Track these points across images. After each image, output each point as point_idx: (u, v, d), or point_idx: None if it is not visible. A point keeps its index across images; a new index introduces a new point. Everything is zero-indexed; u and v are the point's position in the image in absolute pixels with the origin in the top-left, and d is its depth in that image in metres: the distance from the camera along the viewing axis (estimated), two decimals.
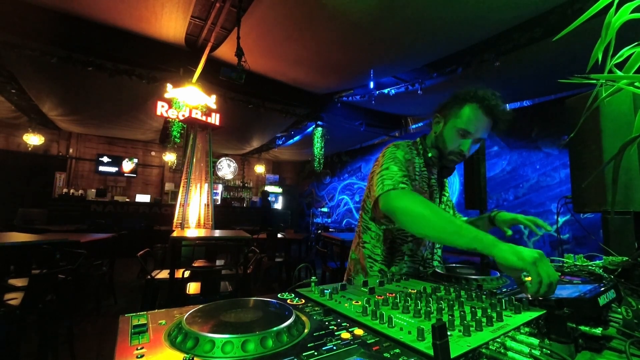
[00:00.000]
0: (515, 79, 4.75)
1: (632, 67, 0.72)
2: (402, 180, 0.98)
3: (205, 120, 5.25)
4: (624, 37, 0.79)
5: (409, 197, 0.92)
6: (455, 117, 1.09)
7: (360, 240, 1.24)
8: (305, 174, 12.62)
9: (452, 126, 1.10)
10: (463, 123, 1.07)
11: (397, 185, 0.96)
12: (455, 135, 1.09)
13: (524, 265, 0.65)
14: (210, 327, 0.44)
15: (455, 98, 1.12)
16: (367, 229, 1.22)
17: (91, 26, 4.32)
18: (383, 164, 1.06)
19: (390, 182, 0.97)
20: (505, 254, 0.68)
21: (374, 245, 1.19)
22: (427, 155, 1.18)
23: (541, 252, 0.66)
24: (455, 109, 1.10)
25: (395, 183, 0.97)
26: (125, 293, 4.16)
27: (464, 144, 1.09)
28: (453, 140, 1.10)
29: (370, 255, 1.19)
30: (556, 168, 5.00)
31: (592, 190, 1.29)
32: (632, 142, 0.65)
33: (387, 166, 1.04)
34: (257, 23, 3.98)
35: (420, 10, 3.41)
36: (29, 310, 1.96)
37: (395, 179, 0.98)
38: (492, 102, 1.04)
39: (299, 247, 5.68)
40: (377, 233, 1.19)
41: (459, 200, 6.47)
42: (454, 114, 1.10)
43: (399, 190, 0.95)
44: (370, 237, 1.20)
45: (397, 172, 1.01)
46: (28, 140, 7.56)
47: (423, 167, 1.19)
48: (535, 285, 0.63)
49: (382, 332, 0.48)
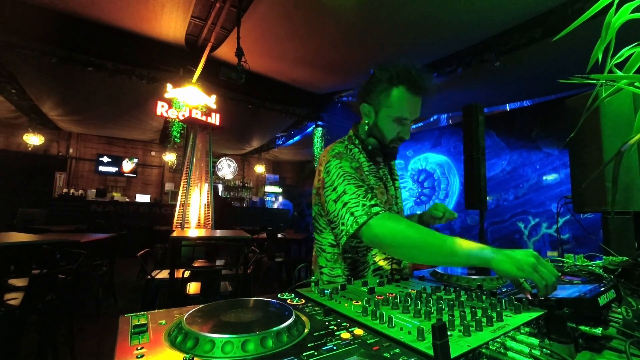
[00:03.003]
0: (515, 79, 4.75)
1: (632, 67, 0.72)
2: (370, 202, 0.87)
3: (205, 120, 5.25)
4: (624, 37, 0.79)
5: (391, 224, 0.82)
6: (385, 105, 1.02)
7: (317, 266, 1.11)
8: (305, 174, 12.62)
9: (386, 115, 1.03)
10: (396, 111, 1.01)
11: (370, 211, 0.85)
12: (392, 124, 1.04)
13: (525, 275, 0.64)
14: (210, 327, 0.44)
15: (378, 82, 1.03)
16: (321, 251, 1.09)
17: (91, 26, 4.32)
18: (336, 187, 0.94)
19: (360, 210, 0.86)
20: (505, 267, 0.66)
21: (331, 267, 1.07)
22: (367, 149, 1.12)
23: (535, 253, 0.66)
24: (383, 96, 1.02)
25: (366, 209, 0.85)
26: (125, 293, 4.16)
27: (403, 130, 1.05)
28: (391, 129, 1.05)
29: (330, 280, 1.05)
30: (556, 168, 5.00)
31: (592, 190, 1.29)
32: (632, 142, 0.65)
33: (343, 189, 0.92)
34: (257, 23, 3.98)
35: (420, 10, 3.41)
36: (29, 310, 1.96)
37: (362, 202, 0.87)
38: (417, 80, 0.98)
39: (299, 247, 5.68)
40: (332, 254, 1.07)
41: (459, 200, 6.46)
42: (383, 102, 1.02)
43: (375, 218, 0.84)
44: (325, 259, 1.08)
45: (358, 192, 0.89)
46: (28, 140, 7.57)
47: (368, 161, 1.11)
48: (542, 290, 0.63)
49: (382, 332, 0.47)
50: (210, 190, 5.35)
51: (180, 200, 5.01)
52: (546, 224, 5.04)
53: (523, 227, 5.31)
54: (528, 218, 5.28)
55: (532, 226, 5.21)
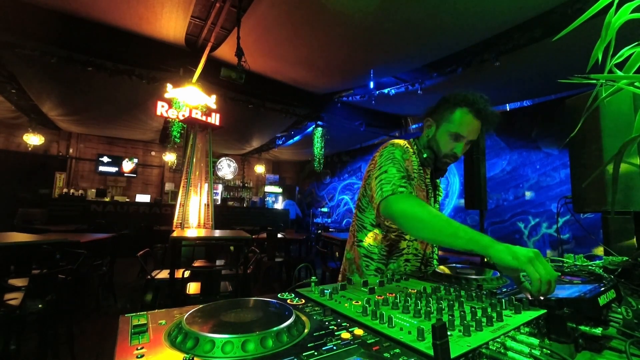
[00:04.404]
0: (515, 79, 4.75)
1: (632, 67, 0.72)
2: (400, 183, 1.00)
3: (205, 120, 5.25)
4: (624, 37, 0.78)
5: (407, 201, 0.94)
6: (447, 121, 1.14)
7: (355, 239, 1.24)
8: (305, 174, 12.62)
9: (445, 130, 1.14)
10: (455, 127, 1.11)
11: (396, 189, 0.98)
12: (448, 139, 1.14)
13: (519, 264, 0.66)
14: (210, 327, 0.44)
15: (445, 102, 1.16)
16: (362, 228, 1.22)
17: (91, 26, 4.32)
18: (382, 166, 1.08)
19: (388, 187, 0.99)
20: (501, 254, 0.69)
21: (370, 243, 1.19)
22: (422, 156, 1.21)
23: (537, 251, 0.67)
24: (447, 113, 1.14)
25: (394, 187, 0.98)
26: (125, 293, 4.16)
27: (457, 147, 1.14)
28: (447, 143, 1.15)
29: (366, 254, 1.19)
30: (556, 168, 5.00)
31: (592, 190, 1.29)
32: (632, 142, 0.65)
33: (386, 169, 1.06)
34: (257, 23, 3.98)
35: (420, 10, 3.41)
36: (29, 310, 1.96)
37: (394, 182, 1.00)
38: (481, 105, 1.09)
39: (299, 247, 5.68)
40: (373, 232, 1.19)
41: (459, 200, 6.47)
42: (446, 118, 1.14)
43: (397, 195, 0.97)
44: (365, 235, 1.20)
45: (396, 175, 1.03)
46: (28, 140, 7.56)
47: (419, 166, 1.22)
48: (535, 283, 0.63)
49: (382, 332, 0.47)
50: (211, 190, 5.35)
51: (180, 200, 5.01)
52: (546, 224, 5.04)
53: (523, 227, 5.31)
54: (528, 218, 5.29)
55: (532, 226, 5.21)
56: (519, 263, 0.66)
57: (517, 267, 0.66)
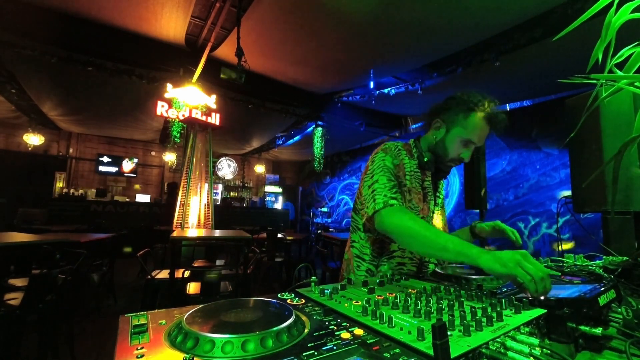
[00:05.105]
0: (515, 79, 4.75)
1: (632, 67, 0.71)
2: (391, 194, 1.00)
3: (205, 120, 5.25)
4: (624, 37, 0.78)
5: (398, 216, 0.94)
6: (460, 126, 1.09)
7: (350, 239, 1.24)
8: (305, 174, 12.62)
9: (456, 135, 1.10)
10: (469, 134, 1.08)
11: (387, 201, 0.98)
12: (458, 144, 1.11)
13: (508, 271, 0.66)
14: (210, 327, 0.44)
15: (459, 104, 1.10)
16: (356, 229, 1.22)
17: (91, 26, 4.32)
18: (374, 174, 1.08)
19: (381, 199, 1.00)
20: (489, 264, 0.70)
21: (362, 244, 1.18)
22: (422, 159, 1.18)
23: (524, 251, 0.68)
24: (461, 117, 1.09)
25: (385, 200, 0.99)
26: (125, 293, 4.16)
27: (465, 152, 1.12)
28: (456, 148, 1.12)
29: (358, 254, 1.18)
30: (556, 168, 5.00)
31: (592, 190, 1.29)
32: (632, 142, 0.65)
33: (377, 178, 1.06)
34: (257, 23, 3.98)
35: (420, 10, 3.41)
36: (29, 310, 1.96)
37: (385, 193, 1.00)
38: (495, 112, 1.07)
39: (299, 247, 5.68)
40: (365, 233, 1.19)
41: (459, 200, 6.47)
42: (459, 122, 1.09)
43: (388, 208, 0.97)
44: (359, 236, 1.20)
45: (386, 185, 1.03)
46: (28, 140, 7.56)
47: (416, 169, 1.19)
48: (529, 285, 0.63)
49: (382, 332, 0.47)
50: (211, 190, 5.35)
51: (180, 200, 5.01)
52: (546, 224, 5.04)
53: (523, 227, 5.31)
54: (528, 218, 5.28)
55: (532, 226, 5.21)
56: (508, 269, 0.66)
57: (508, 274, 0.67)
